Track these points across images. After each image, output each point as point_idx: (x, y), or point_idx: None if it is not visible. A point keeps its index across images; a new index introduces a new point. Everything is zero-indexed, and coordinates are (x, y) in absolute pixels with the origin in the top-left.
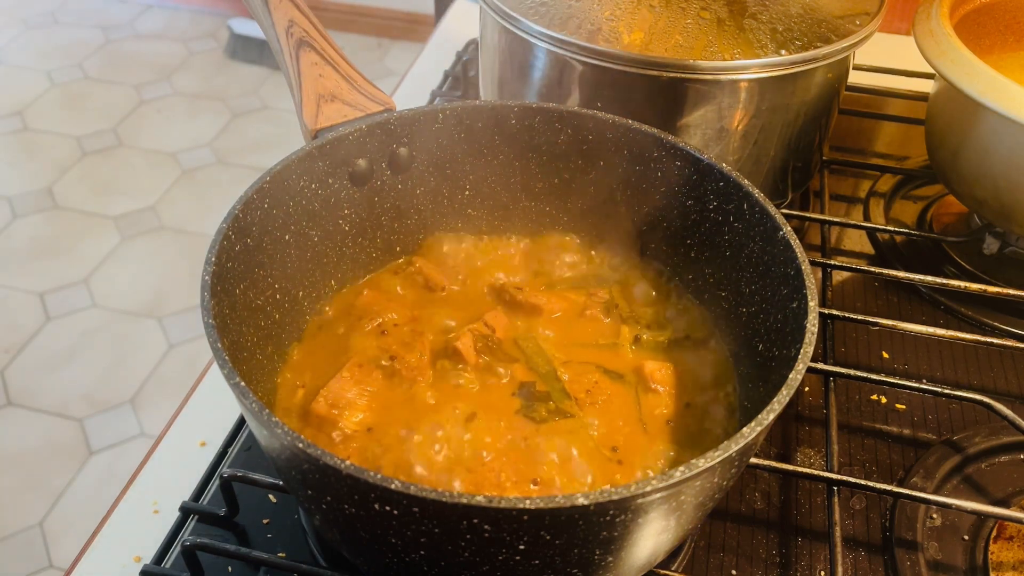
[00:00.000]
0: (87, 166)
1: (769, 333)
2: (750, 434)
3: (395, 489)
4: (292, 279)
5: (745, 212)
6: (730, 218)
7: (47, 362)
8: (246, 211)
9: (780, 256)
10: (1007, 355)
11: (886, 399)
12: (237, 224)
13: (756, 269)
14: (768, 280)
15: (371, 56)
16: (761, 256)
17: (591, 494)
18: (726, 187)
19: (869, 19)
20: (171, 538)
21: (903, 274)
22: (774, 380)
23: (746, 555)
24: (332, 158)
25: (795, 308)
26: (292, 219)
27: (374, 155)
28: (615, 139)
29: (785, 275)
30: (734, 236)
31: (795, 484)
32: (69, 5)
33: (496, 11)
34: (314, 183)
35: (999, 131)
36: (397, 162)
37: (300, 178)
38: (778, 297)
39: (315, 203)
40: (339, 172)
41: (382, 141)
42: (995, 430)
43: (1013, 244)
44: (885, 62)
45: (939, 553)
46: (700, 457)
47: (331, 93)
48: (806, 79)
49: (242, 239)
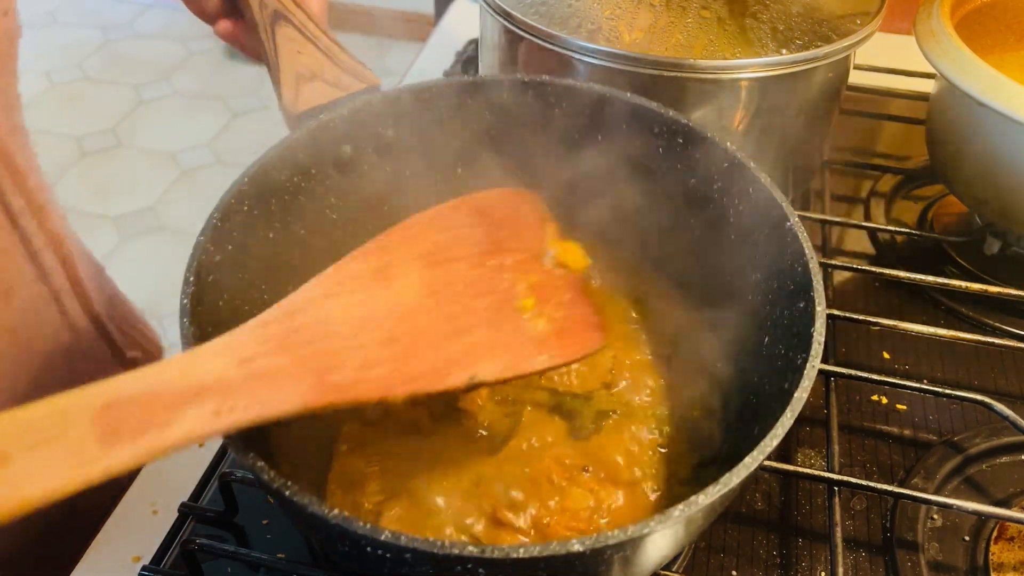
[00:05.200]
0: (86, 166)
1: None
2: (752, 463)
3: (385, 540)
4: (279, 278)
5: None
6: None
7: None
8: (225, 218)
9: (787, 251)
10: (1008, 355)
11: (887, 399)
12: (217, 234)
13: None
14: (771, 278)
15: (371, 56)
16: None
17: (587, 540)
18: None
19: (870, 19)
20: (170, 538)
21: (904, 274)
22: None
23: (747, 556)
24: (315, 149)
25: (802, 308)
26: (276, 216)
27: (359, 140)
28: (614, 113)
29: (791, 271)
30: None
31: (796, 485)
32: (68, 5)
33: (496, 10)
34: (296, 176)
35: (1000, 131)
36: (384, 145)
37: (281, 173)
38: (782, 295)
39: (299, 196)
40: (323, 162)
41: (367, 125)
42: (996, 431)
43: (1014, 244)
44: (886, 62)
45: (940, 554)
46: (700, 493)
47: (311, 71)
48: (807, 78)
49: (223, 248)
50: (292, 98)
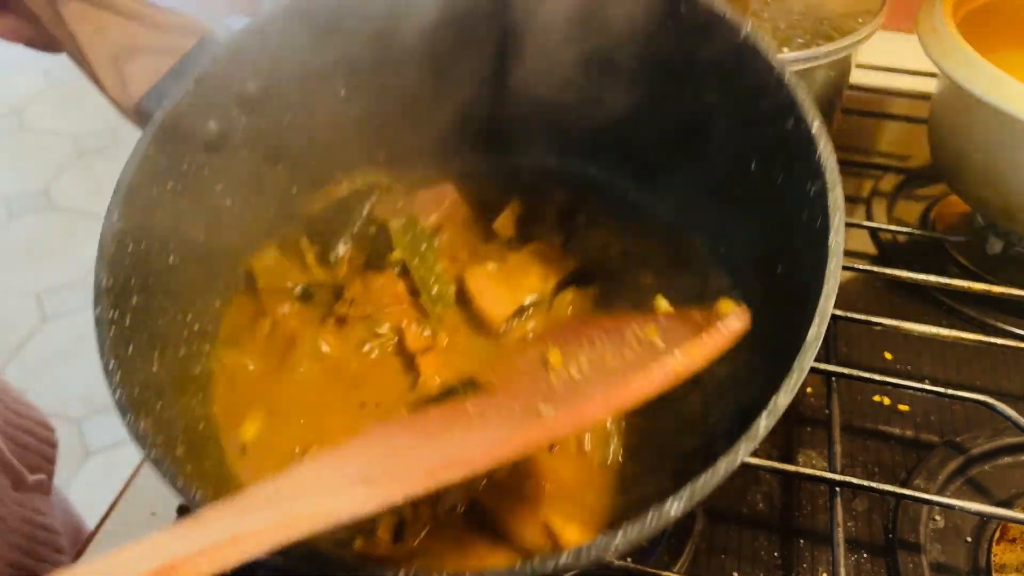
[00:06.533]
0: (84, 166)
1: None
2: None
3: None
4: (199, 296)
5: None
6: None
7: (44, 362)
8: (113, 271)
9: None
10: (1010, 356)
11: (889, 400)
12: (111, 295)
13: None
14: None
15: None
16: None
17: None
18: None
19: (871, 17)
20: None
21: (906, 274)
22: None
23: (748, 557)
24: (175, 142)
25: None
26: (169, 236)
27: (221, 108)
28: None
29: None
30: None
31: (797, 485)
32: None
33: None
34: (170, 181)
35: (1003, 129)
36: (249, 101)
37: (152, 187)
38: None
39: (182, 202)
40: (190, 151)
41: (222, 88)
42: (998, 431)
43: (1017, 244)
44: (888, 61)
45: (942, 555)
46: (654, 510)
47: (125, 46)
48: (808, 77)
49: (125, 301)
50: (118, 87)
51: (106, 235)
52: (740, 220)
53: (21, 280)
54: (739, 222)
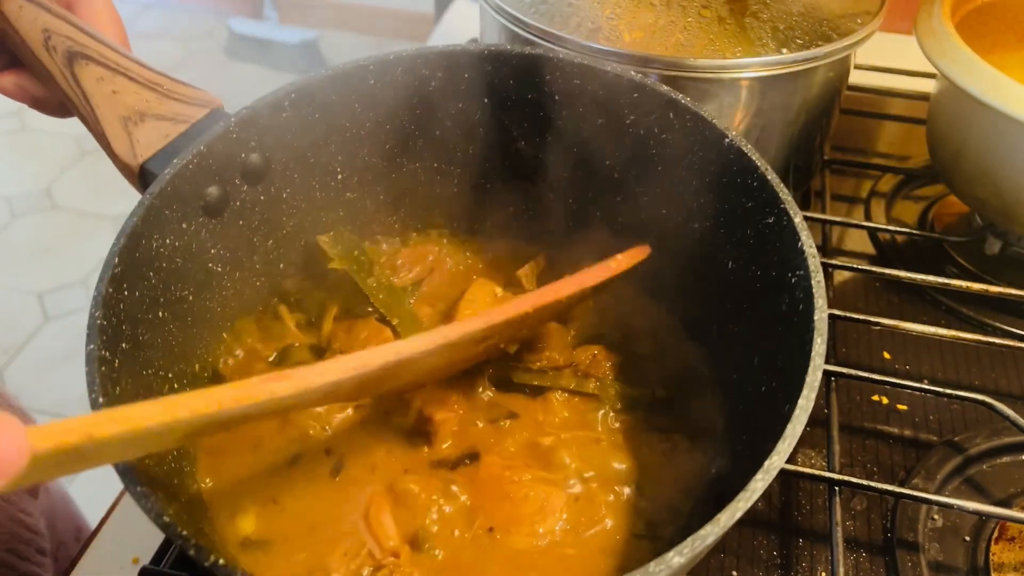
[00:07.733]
0: (86, 166)
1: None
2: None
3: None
4: (182, 357)
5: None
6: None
7: (45, 362)
8: (107, 312)
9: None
10: (1008, 355)
11: (887, 400)
12: (104, 335)
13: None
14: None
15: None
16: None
17: None
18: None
19: (870, 18)
20: (170, 539)
21: (904, 274)
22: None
23: (747, 556)
24: (178, 200)
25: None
26: (159, 291)
27: (224, 175)
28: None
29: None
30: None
31: (796, 485)
32: None
33: (496, 10)
34: (168, 238)
35: (1001, 130)
36: (252, 172)
37: (153, 238)
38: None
39: (176, 259)
40: (191, 211)
41: (227, 155)
42: (997, 431)
43: (1015, 244)
44: (886, 61)
45: (940, 554)
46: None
47: (137, 111)
48: (807, 78)
49: (115, 345)
50: (126, 148)
51: (104, 276)
52: (721, 303)
53: (23, 280)
54: (720, 305)
